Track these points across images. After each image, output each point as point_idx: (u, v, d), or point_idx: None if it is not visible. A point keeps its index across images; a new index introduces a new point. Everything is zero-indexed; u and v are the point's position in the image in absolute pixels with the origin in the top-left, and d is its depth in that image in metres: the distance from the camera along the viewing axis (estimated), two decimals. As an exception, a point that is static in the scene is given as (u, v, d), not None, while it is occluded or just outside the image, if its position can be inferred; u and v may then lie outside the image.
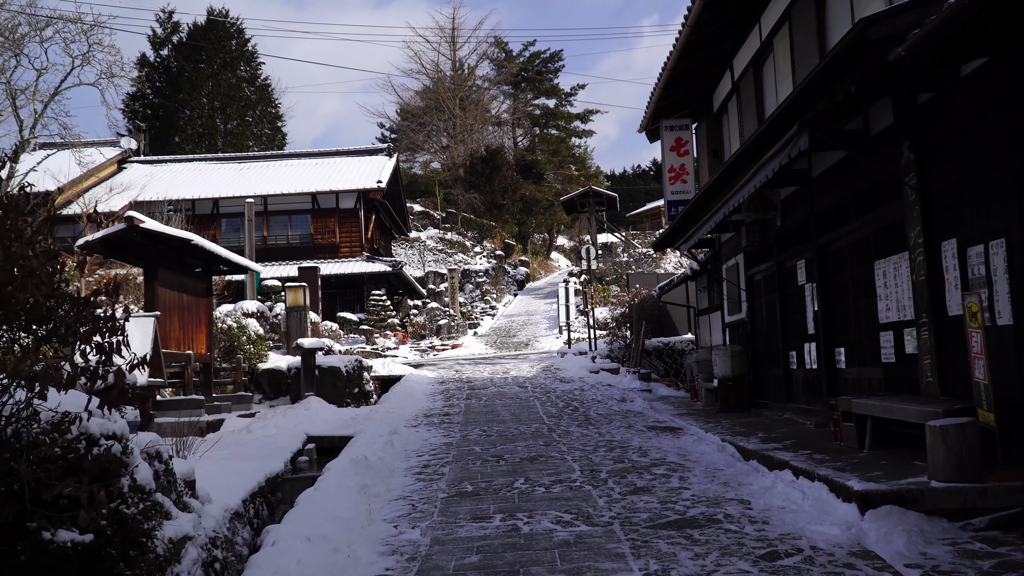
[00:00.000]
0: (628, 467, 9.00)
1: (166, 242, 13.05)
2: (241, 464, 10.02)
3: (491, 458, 10.15)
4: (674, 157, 16.81)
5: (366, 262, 35.48)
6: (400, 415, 15.20)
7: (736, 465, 8.80)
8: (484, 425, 13.52)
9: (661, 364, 23.37)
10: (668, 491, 7.64)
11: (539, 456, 10.10)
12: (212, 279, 16.27)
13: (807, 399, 11.61)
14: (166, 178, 38.39)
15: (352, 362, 18.01)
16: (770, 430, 10.80)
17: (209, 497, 7.58)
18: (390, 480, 8.93)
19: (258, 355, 17.37)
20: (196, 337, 15.20)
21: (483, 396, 17.65)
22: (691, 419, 13.08)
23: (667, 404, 16.04)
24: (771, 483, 7.51)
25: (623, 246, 52.84)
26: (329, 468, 8.89)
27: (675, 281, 22.27)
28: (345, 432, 13.00)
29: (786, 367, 12.50)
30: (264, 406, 16.84)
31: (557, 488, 8.03)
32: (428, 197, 59.28)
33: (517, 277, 52.02)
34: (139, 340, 12.21)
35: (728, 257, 15.69)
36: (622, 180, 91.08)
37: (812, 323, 11.21)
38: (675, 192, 16.69)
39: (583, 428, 12.68)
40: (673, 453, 9.91)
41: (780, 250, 12.55)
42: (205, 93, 54.20)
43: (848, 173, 9.67)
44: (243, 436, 12.61)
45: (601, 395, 17.29)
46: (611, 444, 10.85)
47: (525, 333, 35.15)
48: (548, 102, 65.42)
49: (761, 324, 13.95)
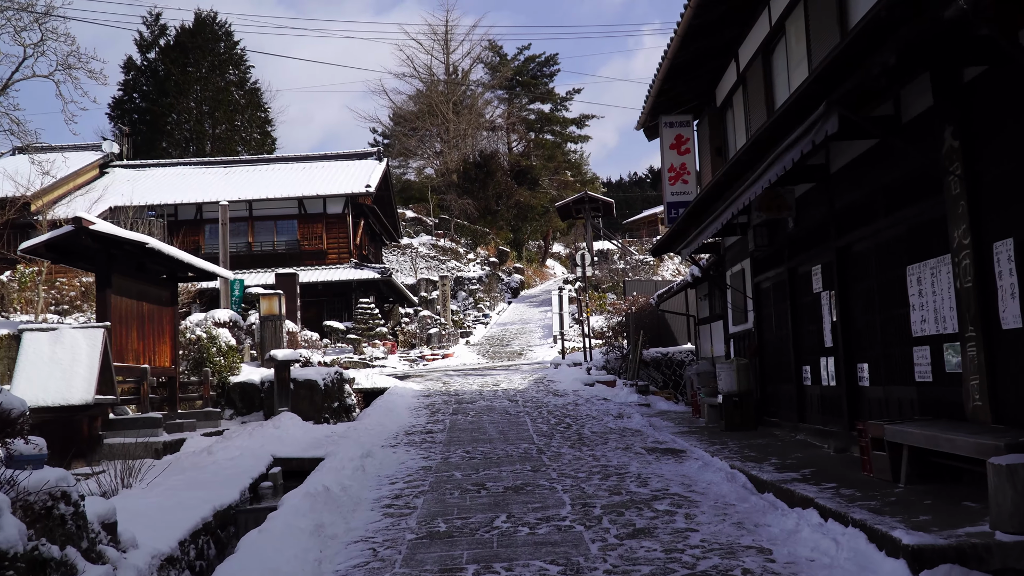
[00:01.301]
0: (626, 501, 7.87)
1: (119, 245, 11.92)
2: (191, 494, 8.89)
3: (472, 487, 9.01)
4: (674, 156, 15.70)
5: (354, 269, 34.35)
6: (379, 433, 14.05)
7: (749, 499, 7.67)
8: (468, 445, 12.39)
9: (659, 376, 22.25)
10: (673, 534, 6.50)
11: (525, 485, 8.96)
12: (178, 287, 15.12)
13: (823, 419, 10.48)
14: (149, 183, 37.27)
15: (331, 375, 16.87)
16: (784, 455, 9.67)
17: (135, 541, 6.44)
18: (353, 516, 7.78)
19: (229, 367, 16.22)
20: (159, 349, 14.05)
21: (470, 411, 16.51)
22: (694, 439, 11.95)
23: (667, 421, 14.91)
24: (794, 525, 6.38)
25: (619, 253, 51.76)
26: (283, 502, 7.75)
27: (674, 289, 21.16)
28: (316, 453, 11.86)
29: (799, 383, 11.38)
30: (235, 423, 15.69)
31: (544, 529, 6.89)
32: (421, 203, 58.19)
33: (511, 285, 50.87)
34: (86, 353, 11.08)
35: (733, 263, 14.58)
36: (618, 187, 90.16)
37: (830, 335, 10.10)
38: (675, 193, 15.58)
39: (576, 450, 11.55)
40: (676, 482, 8.77)
41: (792, 254, 11.44)
42: (193, 97, 53.15)
43: (875, 166, 8.57)
44: (203, 458, 11.46)
45: (596, 410, 16.16)
46: (606, 470, 9.72)
47: (519, 342, 34.01)
48: (543, 107, 64.54)
49: (770, 335, 12.83)
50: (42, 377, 10.69)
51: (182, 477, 10.06)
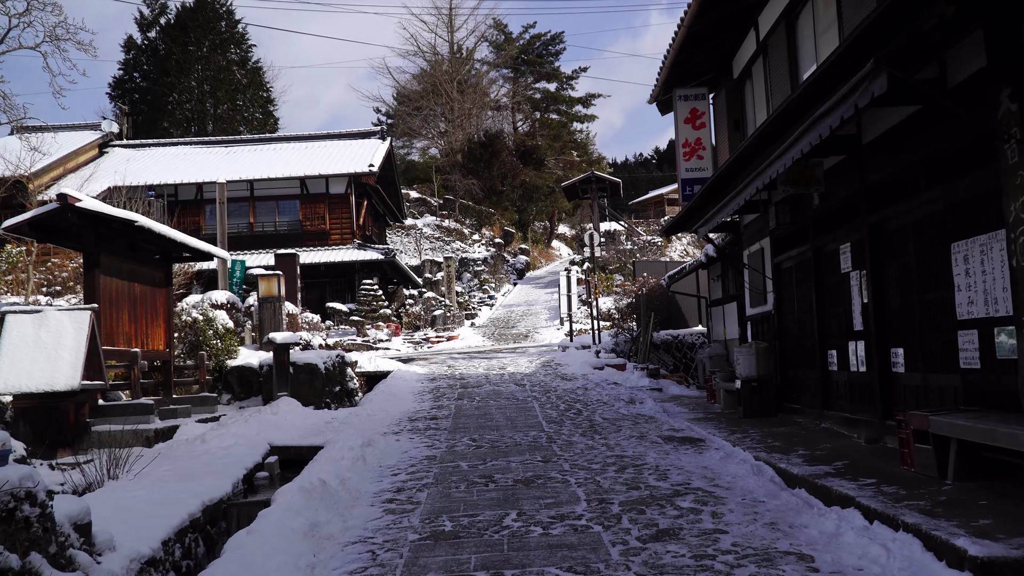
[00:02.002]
0: (645, 496, 7.29)
1: (107, 223, 11.32)
2: (181, 486, 8.35)
3: (479, 479, 8.44)
4: (689, 130, 15.03)
5: (357, 250, 33.75)
6: (381, 419, 13.50)
7: (780, 496, 7.08)
8: (475, 432, 11.83)
9: (670, 359, 21.66)
10: (701, 536, 5.92)
11: (536, 478, 8.39)
12: (172, 267, 14.54)
13: (852, 407, 9.88)
14: (148, 162, 36.70)
15: (333, 358, 16.31)
16: (811, 445, 9.08)
17: (112, 543, 5.88)
18: (351, 513, 7.22)
19: (227, 351, 15.66)
20: (152, 332, 13.49)
21: (476, 396, 15.95)
22: (711, 427, 11.37)
23: (681, 406, 14.33)
24: (835, 528, 5.79)
25: (626, 234, 51.11)
26: (276, 498, 7.18)
27: (687, 269, 20.53)
28: (315, 441, 11.31)
29: (823, 368, 10.77)
30: (232, 408, 15.16)
31: (558, 528, 6.31)
32: (425, 184, 57.50)
33: (517, 266, 50.23)
34: (72, 337, 10.51)
35: (751, 242, 13.95)
36: (624, 168, 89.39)
37: (860, 318, 9.48)
38: (690, 169, 14.92)
39: (588, 438, 10.97)
40: (698, 475, 8.19)
41: (817, 232, 10.80)
42: (194, 76, 52.38)
43: (914, 136, 7.93)
44: (196, 447, 10.91)
45: (607, 395, 15.59)
46: (622, 461, 9.14)
47: (524, 324, 33.44)
48: (549, 86, 63.53)
49: (791, 318, 12.22)
50: (26, 362, 10.13)
51: (172, 467, 9.52)
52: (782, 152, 8.10)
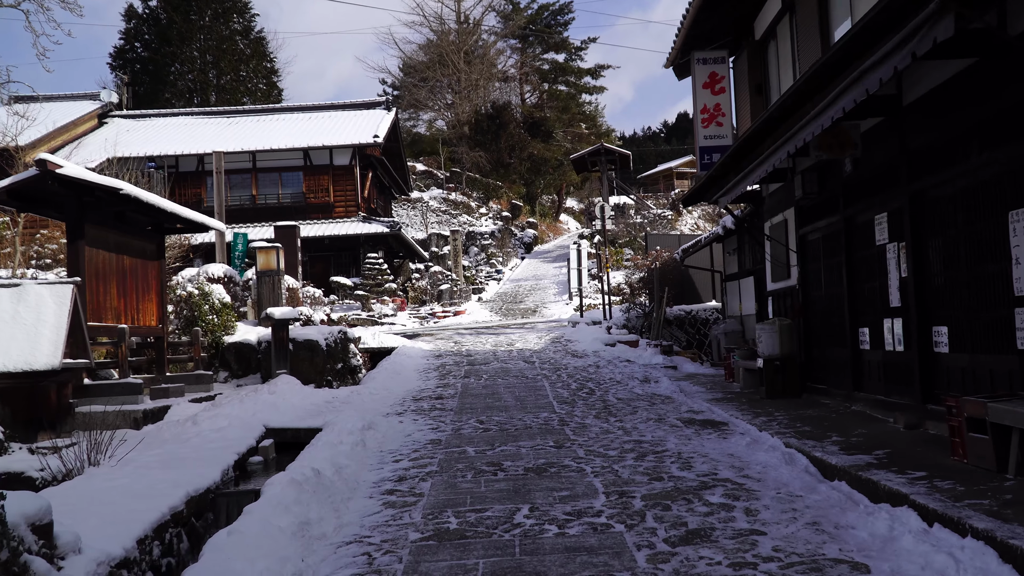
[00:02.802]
0: (669, 489, 6.64)
1: (90, 191, 10.66)
2: (165, 474, 7.75)
3: (487, 467, 7.82)
4: (707, 95, 14.25)
5: (362, 223, 33.08)
6: (384, 399, 12.90)
7: (818, 489, 6.43)
8: (482, 414, 11.21)
9: (683, 335, 21.01)
10: (736, 538, 5.28)
11: (549, 466, 7.75)
12: (164, 239, 13.88)
13: (886, 389, 9.21)
14: (149, 133, 35.99)
15: (335, 334, 15.66)
16: (844, 430, 8.42)
17: (78, 544, 5.25)
18: (347, 507, 6.59)
19: (224, 326, 15.04)
20: (143, 307, 12.86)
21: (484, 374, 15.32)
22: (733, 408, 10.72)
23: (698, 385, 13.68)
24: (888, 530, 5.14)
25: (636, 207, 50.34)
26: (265, 490, 6.55)
27: (702, 242, 19.82)
28: (313, 423, 10.70)
29: (854, 347, 10.09)
30: (230, 386, 14.55)
31: (575, 527, 5.68)
32: (431, 156, 56.66)
33: (524, 240, 49.49)
34: (54, 313, 9.88)
35: (773, 213, 13.22)
36: (632, 142, 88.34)
37: (897, 293, 8.79)
38: (709, 137, 14.16)
39: (602, 420, 10.34)
40: (725, 464, 7.54)
41: (849, 201, 10.09)
42: (196, 46, 51.49)
43: (966, 94, 7.20)
44: (187, 429, 10.30)
45: (620, 373, 14.94)
46: (640, 447, 8.50)
47: (533, 299, 32.78)
48: (557, 57, 62.38)
49: (817, 293, 11.53)
50: (3, 339, 9.51)
51: (159, 452, 8.92)
52: (820, 111, 7.38)
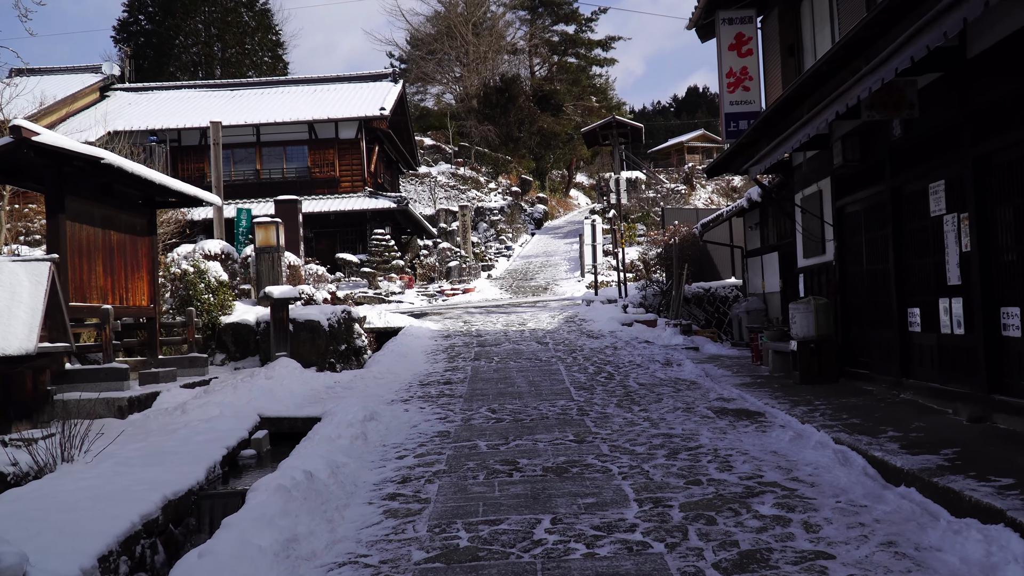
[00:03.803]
0: (711, 496, 5.80)
1: (70, 161, 9.81)
2: (144, 473, 6.98)
3: (501, 466, 6.99)
4: (733, 58, 13.30)
5: (369, 198, 32.22)
6: (388, 384, 12.11)
7: (885, 497, 5.58)
8: (494, 401, 10.40)
9: (701, 313, 20.17)
10: (799, 563, 4.43)
11: (570, 464, 6.92)
12: (155, 213, 13.03)
13: (943, 376, 8.34)
14: (151, 106, 35.14)
15: (338, 314, 14.87)
16: (899, 423, 7.56)
17: (22, 567, 4.47)
18: (343, 516, 5.78)
19: (220, 306, 14.24)
20: (133, 286, 12.06)
21: (495, 356, 14.50)
22: (766, 395, 9.88)
23: (723, 368, 12.83)
24: (984, 555, 4.30)
25: (647, 183, 49.31)
26: (248, 498, 5.74)
27: (724, 216, 18.90)
28: (312, 411, 9.92)
29: (902, 329, 9.21)
30: (227, 369, 13.78)
31: (606, 547, 4.85)
32: (439, 131, 55.62)
33: (535, 215, 48.57)
34: (29, 292, 9.08)
35: (806, 183, 12.30)
36: (642, 116, 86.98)
37: (957, 270, 7.90)
38: (735, 102, 13.21)
39: (625, 409, 9.51)
40: (769, 463, 6.70)
41: (897, 169, 9.17)
42: (201, 19, 50.49)
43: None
44: (174, 418, 9.53)
45: (639, 355, 14.10)
46: (671, 442, 7.67)
47: (544, 276, 31.93)
48: (567, 28, 61.10)
49: (856, 269, 10.64)
50: (-28, 322, 8.72)
51: (142, 445, 8.14)
52: (877, 65, 6.47)
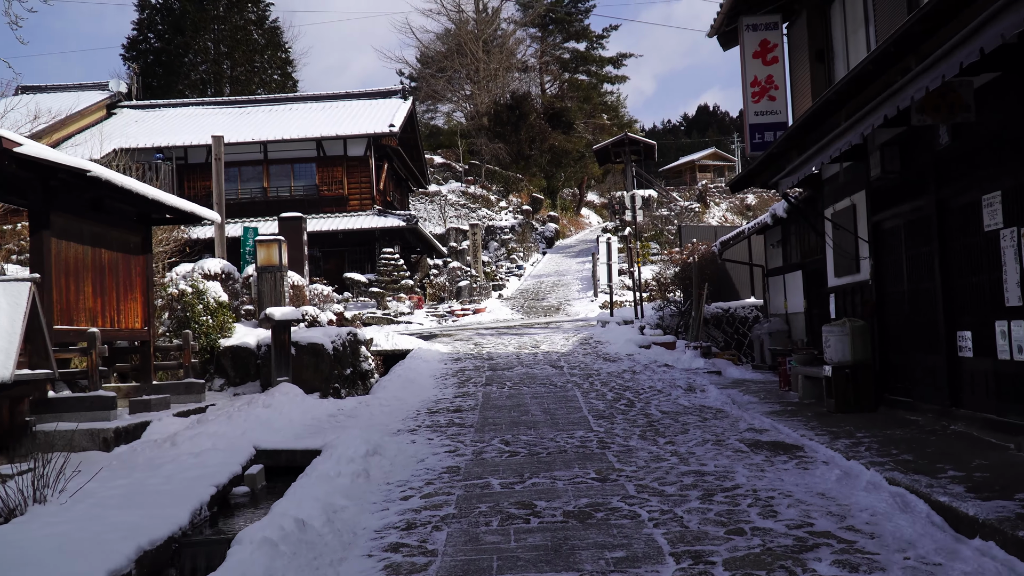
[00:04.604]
0: (757, 550, 5.06)
1: (54, 173, 9.19)
2: (120, 516, 6.30)
3: (516, 510, 6.26)
4: (758, 66, 12.64)
5: (378, 216, 31.62)
6: (395, 411, 11.42)
7: (960, 553, 4.83)
8: (507, 431, 9.68)
9: (720, 334, 19.41)
10: (875, 641, 3.71)
11: (594, 509, 6.19)
12: (151, 231, 12.39)
13: (999, 407, 7.59)
14: (158, 124, 34.73)
15: (343, 336, 14.20)
16: (957, 460, 6.81)
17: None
18: (336, 573, 5.06)
19: (220, 328, 13.59)
20: (125, 308, 11.41)
21: (507, 381, 13.79)
22: (800, 425, 9.14)
23: (749, 395, 12.09)
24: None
25: (659, 201, 48.64)
26: (231, 553, 5.02)
27: (745, 233, 18.20)
28: (311, 443, 9.22)
29: (951, 354, 8.47)
30: (225, 395, 13.11)
31: (642, 616, 4.13)
32: (449, 149, 55.15)
33: (546, 234, 47.93)
34: (6, 315, 8.43)
35: (836, 198, 11.59)
36: (653, 135, 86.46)
37: (1016, 290, 7.16)
38: (760, 113, 12.54)
39: (650, 442, 8.78)
40: (818, 508, 5.95)
41: (944, 180, 8.47)
42: (210, 36, 50.25)
43: None
44: (163, 451, 8.86)
45: (660, 380, 13.38)
46: (704, 481, 6.93)
47: (556, 296, 31.24)
48: (578, 45, 60.80)
49: (896, 289, 9.91)
50: (-56, 348, 8.08)
51: (124, 483, 7.47)
52: (940, 58, 5.78)
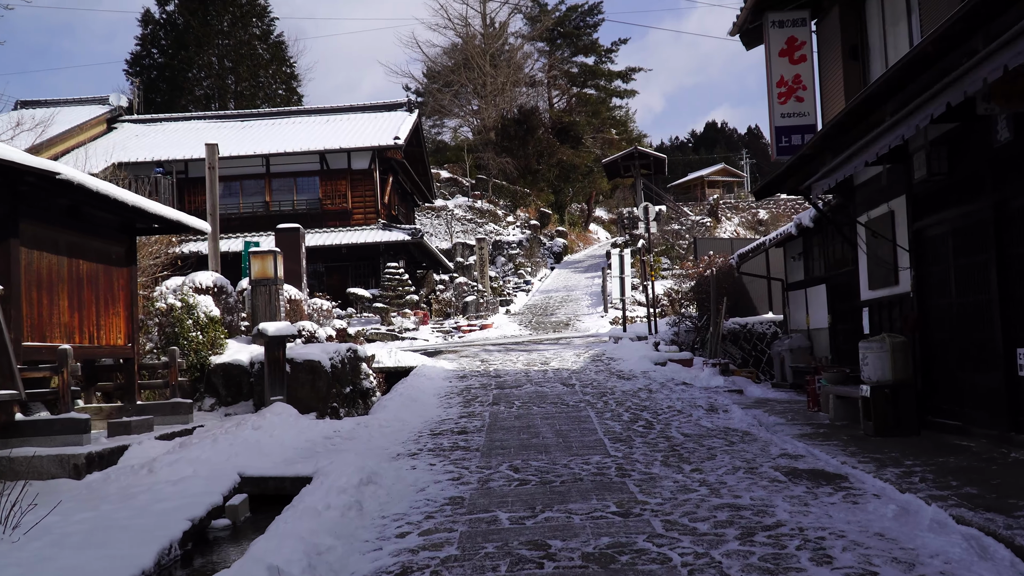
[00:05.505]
0: (818, 607, 4.24)
1: (22, 177, 8.44)
2: (77, 558, 5.58)
3: (527, 552, 5.43)
4: (784, 65, 11.87)
5: (382, 230, 30.90)
6: (395, 433, 10.60)
7: (1066, 615, 4.02)
8: (516, 456, 8.85)
9: (737, 351, 18.58)
10: None
11: (618, 551, 5.35)
12: (135, 241, 11.64)
13: (1073, 432, 6.77)
14: (159, 138, 34.14)
15: (342, 352, 13.41)
16: None
17: None
18: (315, 635, 4.26)
19: (211, 344, 12.82)
20: (106, 323, 10.65)
21: (515, 400, 12.97)
22: (838, 451, 8.29)
23: (776, 416, 11.23)
24: None
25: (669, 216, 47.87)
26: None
27: (765, 245, 17.39)
28: (302, 470, 8.42)
29: (1009, 373, 7.64)
30: (215, 415, 12.32)
31: None
32: (456, 164, 54.51)
33: (554, 249, 47.13)
34: (-35, 330, 7.67)
35: (871, 204, 10.78)
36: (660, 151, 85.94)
37: (1094, 301, 6.36)
38: (787, 115, 11.76)
39: (674, 469, 7.94)
40: (878, 553, 5.11)
41: (1002, 180, 7.66)
42: (214, 51, 49.76)
43: None
44: (139, 479, 8.06)
45: (679, 399, 12.54)
46: (739, 517, 6.08)
47: (565, 311, 30.41)
48: (587, 59, 60.28)
49: (942, 302, 9.08)
50: None
51: (89, 516, 6.69)
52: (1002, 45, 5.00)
